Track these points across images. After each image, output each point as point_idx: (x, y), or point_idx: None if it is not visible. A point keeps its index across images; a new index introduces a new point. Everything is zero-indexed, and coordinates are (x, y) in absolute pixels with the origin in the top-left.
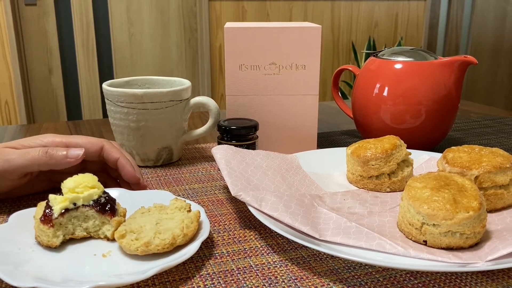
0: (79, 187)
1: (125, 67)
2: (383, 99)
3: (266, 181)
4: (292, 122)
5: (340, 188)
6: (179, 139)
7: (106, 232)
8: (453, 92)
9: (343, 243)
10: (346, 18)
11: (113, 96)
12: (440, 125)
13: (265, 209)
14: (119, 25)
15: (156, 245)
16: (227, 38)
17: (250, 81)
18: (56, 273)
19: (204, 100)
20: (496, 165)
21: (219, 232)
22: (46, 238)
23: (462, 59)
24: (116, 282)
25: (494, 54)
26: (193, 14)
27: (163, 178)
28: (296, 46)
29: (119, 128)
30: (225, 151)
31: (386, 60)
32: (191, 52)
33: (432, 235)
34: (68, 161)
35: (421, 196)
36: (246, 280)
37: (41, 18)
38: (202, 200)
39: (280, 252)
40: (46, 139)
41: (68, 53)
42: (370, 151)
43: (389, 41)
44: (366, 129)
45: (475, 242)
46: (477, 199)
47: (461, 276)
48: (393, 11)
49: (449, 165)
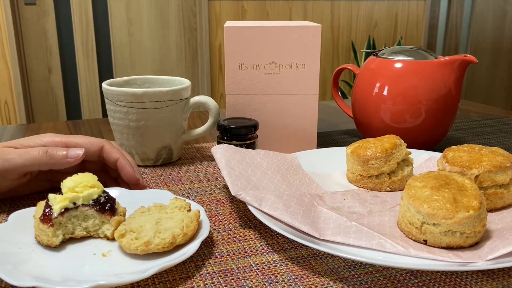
0: (78, 187)
1: (125, 66)
2: (383, 99)
3: (266, 181)
4: (292, 121)
5: (340, 188)
6: (178, 138)
7: (106, 232)
8: (453, 92)
9: (343, 242)
10: (345, 17)
11: (113, 95)
12: (440, 124)
13: (265, 208)
14: (119, 25)
15: (156, 245)
16: (227, 37)
17: (250, 81)
18: (56, 273)
19: (204, 100)
20: (496, 165)
21: (219, 232)
22: (46, 237)
23: (462, 58)
24: (116, 282)
25: (493, 54)
26: (193, 14)
27: (162, 177)
28: (296, 45)
29: (118, 128)
30: (225, 151)
31: (386, 59)
32: (190, 51)
33: (432, 235)
34: (68, 161)
35: (421, 195)
36: (246, 280)
37: (40, 18)
38: (202, 199)
39: (280, 251)
40: (46, 139)
41: (68, 53)
42: (370, 151)
43: (388, 41)
44: (366, 128)
45: (475, 241)
46: (477, 199)
47: (461, 275)
48: (392, 10)
49: (449, 165)
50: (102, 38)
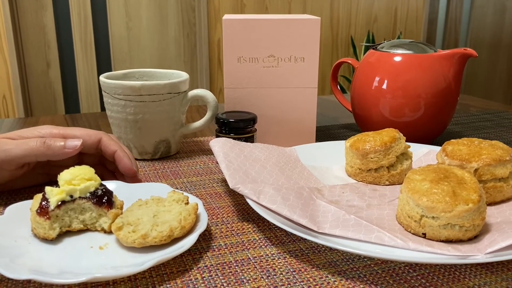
0: (75, 179)
1: (123, 61)
2: (382, 92)
3: (264, 174)
4: (291, 115)
5: (338, 181)
6: (177, 132)
7: (103, 225)
8: (453, 85)
9: (342, 235)
10: (345, 12)
11: (111, 88)
12: (439, 118)
13: (263, 201)
14: (117, 19)
15: (153, 237)
16: (225, 30)
17: (249, 74)
18: (53, 266)
19: (202, 93)
20: (495, 158)
21: (217, 225)
22: (43, 230)
23: (462, 51)
24: (113, 274)
25: (493, 49)
26: (192, 8)
27: (160, 171)
28: (295, 38)
29: (116, 121)
30: (223, 144)
31: (385, 53)
32: (189, 46)
33: (431, 228)
34: (66, 151)
35: (420, 188)
36: (244, 273)
37: (39, 12)
38: (200, 193)
39: (278, 244)
40: (44, 131)
41: (66, 47)
42: (369, 144)
43: (388, 36)
44: (365, 122)
45: (474, 234)
46: (477, 192)
47: (460, 268)
48: (392, 5)
49: (449, 158)
50: (100, 32)
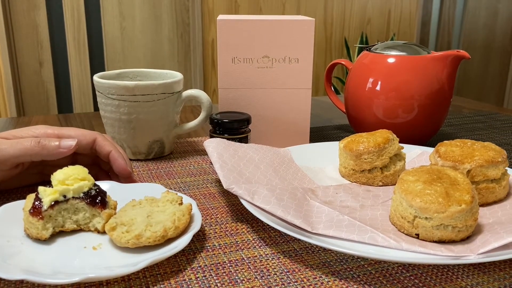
0: (69, 179)
1: (117, 61)
2: (375, 93)
3: (258, 175)
4: (285, 116)
5: (332, 182)
6: (170, 132)
7: (96, 225)
8: (446, 87)
9: (335, 236)
10: (339, 13)
11: (104, 88)
12: (432, 119)
13: (257, 202)
14: (111, 19)
15: (147, 238)
16: (219, 31)
17: (243, 74)
18: (46, 266)
19: (196, 93)
20: (488, 159)
21: (211, 225)
22: (36, 230)
23: (455, 53)
24: (107, 275)
25: (485, 51)
26: (186, 8)
27: (154, 171)
28: (289, 39)
29: (110, 121)
30: (217, 145)
31: (379, 54)
32: (183, 46)
33: (424, 228)
34: (61, 151)
35: (413, 189)
36: (238, 273)
37: (31, 11)
38: (194, 193)
39: (272, 245)
40: (38, 131)
41: (59, 47)
42: (363, 145)
43: (381, 38)
44: (359, 123)
45: (467, 235)
46: (469, 193)
47: (453, 268)
48: (385, 7)
49: (442, 159)
50: (94, 32)
